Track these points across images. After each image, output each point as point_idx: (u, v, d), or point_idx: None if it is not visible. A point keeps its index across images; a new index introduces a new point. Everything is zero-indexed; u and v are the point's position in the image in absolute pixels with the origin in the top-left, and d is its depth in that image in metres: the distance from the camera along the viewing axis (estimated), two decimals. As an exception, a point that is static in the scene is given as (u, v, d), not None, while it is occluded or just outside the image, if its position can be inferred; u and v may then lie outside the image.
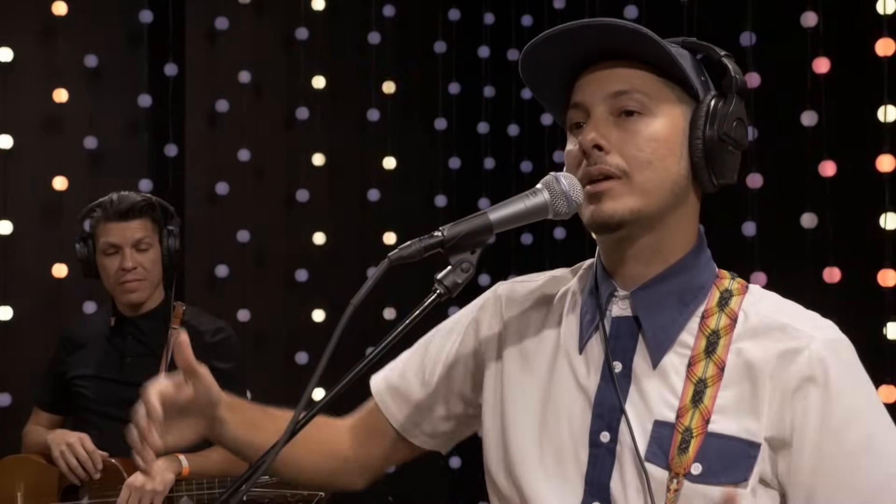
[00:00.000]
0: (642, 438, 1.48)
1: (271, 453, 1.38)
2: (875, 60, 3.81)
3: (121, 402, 3.31)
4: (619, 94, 1.51)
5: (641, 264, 1.54)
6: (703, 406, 1.46)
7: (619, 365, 1.53)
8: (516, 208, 1.49)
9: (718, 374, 1.47)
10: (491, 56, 5.15)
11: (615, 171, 1.49)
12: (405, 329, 1.42)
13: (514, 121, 5.11)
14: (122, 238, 3.29)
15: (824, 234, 3.90)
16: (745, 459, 1.45)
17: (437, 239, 1.45)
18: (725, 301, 1.52)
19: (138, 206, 3.31)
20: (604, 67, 1.53)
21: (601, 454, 1.51)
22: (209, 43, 4.80)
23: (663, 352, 1.51)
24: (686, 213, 1.55)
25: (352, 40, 5.04)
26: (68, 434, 3.27)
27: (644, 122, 1.50)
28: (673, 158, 1.51)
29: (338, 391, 1.40)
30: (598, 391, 1.54)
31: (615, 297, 1.56)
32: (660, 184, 1.50)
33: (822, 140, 3.95)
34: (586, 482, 1.52)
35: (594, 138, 1.50)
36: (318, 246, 4.89)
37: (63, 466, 3.21)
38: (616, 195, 1.49)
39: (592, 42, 1.51)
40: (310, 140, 4.90)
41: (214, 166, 4.76)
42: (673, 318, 1.52)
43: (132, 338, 3.38)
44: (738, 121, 1.53)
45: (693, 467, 1.44)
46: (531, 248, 4.96)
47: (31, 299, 4.50)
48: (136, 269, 3.29)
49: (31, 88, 4.53)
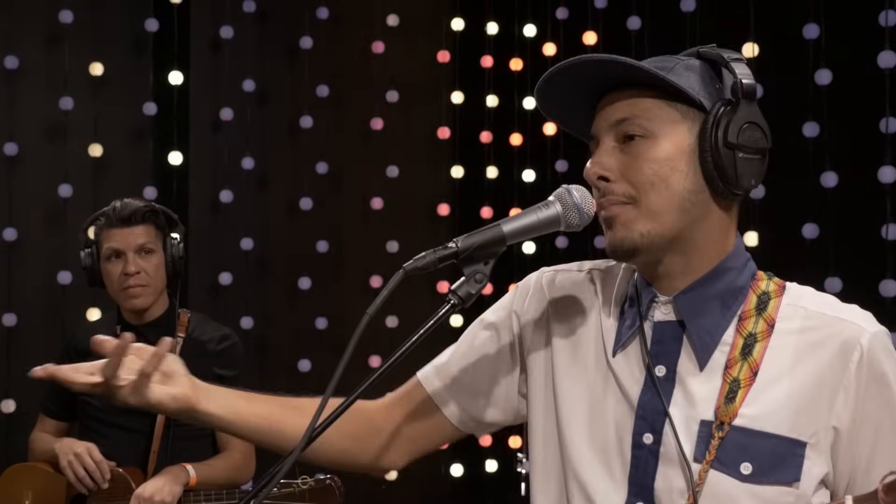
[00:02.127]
0: (688, 440, 1.50)
1: (287, 461, 1.40)
2: (877, 72, 3.83)
3: (127, 412, 3.31)
4: (621, 121, 1.54)
5: (678, 278, 1.56)
6: (733, 406, 1.48)
7: (664, 369, 1.55)
8: (529, 220, 1.52)
9: (751, 377, 1.50)
10: (494, 66, 5.17)
11: (623, 199, 1.52)
12: (420, 339, 1.44)
13: (516, 130, 5.12)
14: (124, 243, 3.28)
15: (826, 245, 3.92)
16: (793, 458, 1.47)
17: (451, 250, 1.47)
18: (763, 305, 1.54)
19: (141, 212, 3.30)
20: (611, 98, 1.56)
21: (644, 455, 1.53)
22: (214, 52, 4.83)
23: (710, 353, 1.53)
24: (713, 224, 1.56)
25: (355, 49, 5.06)
26: (76, 443, 3.25)
27: (645, 145, 1.52)
28: (678, 176, 1.52)
29: (352, 400, 1.42)
30: (642, 394, 1.56)
31: (656, 303, 1.58)
32: (667, 203, 1.52)
33: (824, 151, 3.97)
34: (630, 482, 1.54)
35: (596, 171, 1.54)
36: (321, 254, 4.91)
37: (71, 476, 3.20)
38: (625, 221, 1.52)
39: (597, 75, 1.55)
40: (313, 148, 4.92)
41: (218, 174, 4.78)
42: (717, 321, 1.54)
43: None
44: (749, 124, 1.52)
45: (742, 467, 1.47)
46: (533, 257, 4.98)
47: (35, 306, 4.52)
48: (140, 275, 3.28)
49: (36, 96, 4.55)
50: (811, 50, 4.00)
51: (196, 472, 3.20)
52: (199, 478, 3.21)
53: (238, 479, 3.33)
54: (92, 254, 3.34)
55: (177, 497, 3.13)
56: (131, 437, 3.31)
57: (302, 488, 3.07)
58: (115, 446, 3.27)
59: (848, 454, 1.49)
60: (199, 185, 4.76)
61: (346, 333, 1.38)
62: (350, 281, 4.88)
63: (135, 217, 3.29)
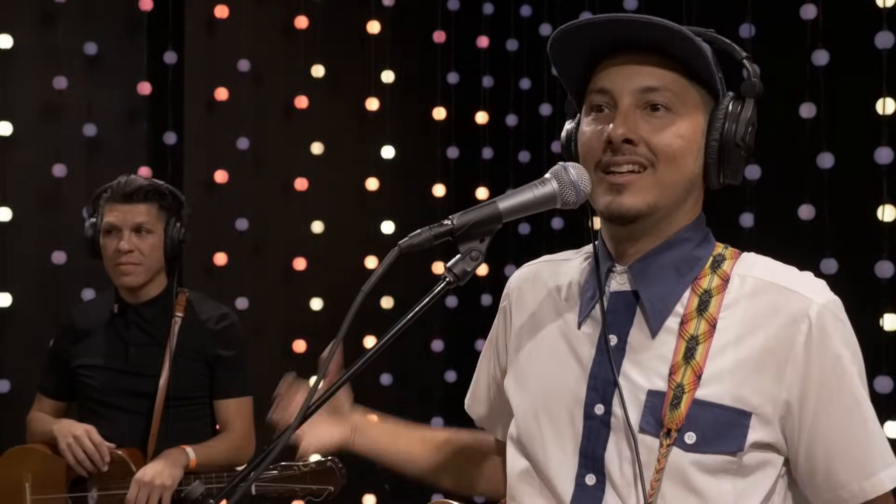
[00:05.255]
0: (636, 409, 1.51)
1: (281, 440, 1.39)
2: (874, 53, 3.82)
3: (127, 393, 3.32)
4: (650, 90, 1.54)
5: (640, 244, 1.58)
6: (695, 362, 1.50)
7: (615, 338, 1.57)
8: (525, 197, 1.52)
9: (710, 330, 1.51)
10: (490, 46, 5.16)
11: (643, 162, 1.53)
12: (415, 316, 1.44)
13: (512, 111, 5.12)
14: (122, 219, 3.28)
15: (822, 226, 3.92)
16: (738, 429, 1.48)
17: (446, 227, 1.47)
18: (718, 264, 1.57)
19: (144, 190, 3.29)
20: (633, 60, 1.55)
21: (595, 426, 1.55)
22: (208, 31, 4.80)
23: (661, 321, 1.54)
24: (691, 205, 1.60)
25: (351, 29, 5.04)
26: (74, 426, 3.24)
27: (670, 119, 1.54)
28: (692, 157, 1.55)
29: (346, 378, 1.42)
30: (594, 364, 1.58)
31: (613, 273, 1.60)
32: (678, 179, 1.55)
33: (820, 132, 3.96)
34: (581, 454, 1.56)
35: (624, 133, 1.53)
36: (317, 234, 4.90)
37: (70, 459, 3.19)
38: (638, 189, 1.53)
39: (624, 33, 1.54)
40: (309, 129, 4.91)
41: (213, 154, 4.77)
42: (670, 289, 1.56)
43: (136, 326, 3.36)
44: (753, 126, 1.56)
45: (686, 436, 1.48)
46: (529, 237, 4.98)
47: (30, 286, 4.51)
48: (133, 253, 3.26)
49: (30, 76, 4.53)
50: (808, 30, 3.99)
51: (196, 453, 3.20)
52: (199, 459, 3.21)
53: (239, 458, 3.33)
54: (95, 225, 3.33)
55: (177, 480, 3.13)
56: (131, 417, 3.31)
57: (303, 470, 3.05)
58: (114, 427, 3.27)
59: (800, 425, 1.50)
60: (194, 166, 4.74)
61: (342, 314, 1.37)
62: (345, 261, 4.87)
63: (136, 194, 3.29)
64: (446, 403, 5.10)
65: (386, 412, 4.84)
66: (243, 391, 3.41)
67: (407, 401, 4.98)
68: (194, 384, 3.34)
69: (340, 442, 1.84)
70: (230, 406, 3.38)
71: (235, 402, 3.39)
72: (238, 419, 3.38)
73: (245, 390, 3.41)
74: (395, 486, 4.91)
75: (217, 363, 3.36)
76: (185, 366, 3.32)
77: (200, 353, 3.35)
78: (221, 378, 3.37)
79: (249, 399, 3.42)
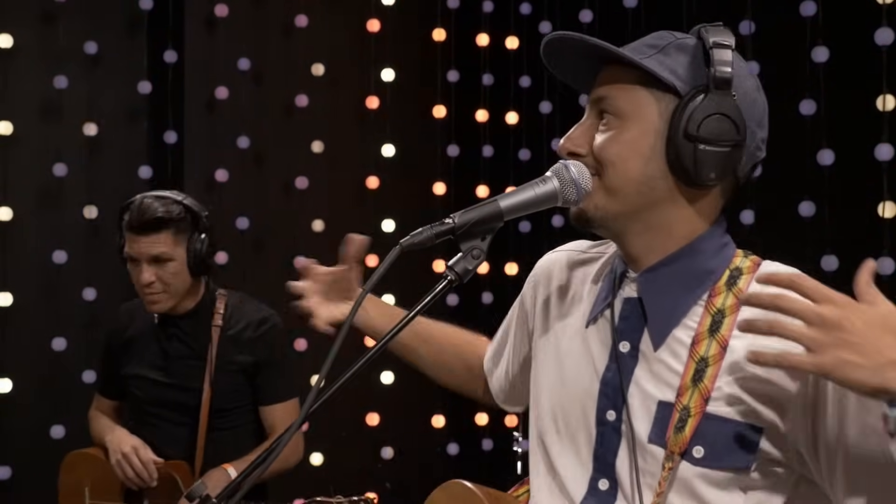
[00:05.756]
0: (646, 419, 1.50)
1: (283, 439, 1.39)
2: (874, 50, 3.82)
3: (171, 405, 3.33)
4: (600, 99, 1.56)
5: (644, 258, 1.57)
6: (703, 385, 1.46)
7: (627, 345, 1.55)
8: (526, 196, 1.52)
9: (720, 352, 1.47)
10: (490, 44, 5.15)
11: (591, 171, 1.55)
12: (416, 314, 1.44)
13: (512, 109, 5.11)
14: (139, 252, 3.20)
15: (822, 223, 3.92)
16: (748, 444, 1.45)
17: (448, 226, 1.47)
18: (734, 280, 1.52)
19: (157, 220, 3.18)
20: (602, 73, 1.58)
21: (608, 432, 1.54)
22: (209, 30, 4.80)
23: (664, 335, 1.52)
24: (682, 210, 1.54)
25: (351, 28, 5.04)
26: (124, 442, 3.25)
27: (613, 125, 1.54)
28: (638, 159, 1.52)
29: (350, 376, 1.42)
30: (606, 370, 1.57)
31: (627, 278, 1.59)
32: (623, 184, 1.53)
33: (820, 129, 3.96)
34: (594, 458, 1.55)
35: (566, 147, 1.58)
36: (317, 233, 4.90)
37: (120, 474, 3.22)
38: (588, 195, 1.55)
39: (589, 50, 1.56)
40: (309, 127, 4.91)
41: (214, 153, 4.77)
42: (675, 303, 1.53)
43: (176, 339, 3.34)
44: (718, 116, 1.48)
45: (695, 450, 1.46)
46: (529, 235, 4.97)
47: (30, 286, 4.51)
48: (154, 284, 3.21)
49: (30, 75, 4.52)
50: (808, 27, 3.99)
51: (237, 471, 3.17)
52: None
53: (286, 465, 3.31)
54: (119, 243, 3.28)
55: None
56: (177, 428, 3.33)
57: None
58: (162, 436, 3.31)
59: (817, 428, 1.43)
60: (194, 165, 4.74)
61: (343, 310, 1.37)
62: (346, 260, 4.86)
63: (150, 225, 3.18)
64: (447, 401, 5.09)
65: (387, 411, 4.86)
66: (288, 394, 3.38)
67: (408, 399, 4.98)
68: (236, 395, 3.33)
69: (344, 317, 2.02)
70: (275, 411, 3.36)
71: (281, 407, 3.36)
72: (283, 424, 3.31)
73: (289, 393, 3.39)
74: (396, 486, 4.92)
75: (258, 371, 3.33)
76: (226, 378, 3.30)
77: (240, 364, 3.32)
78: (264, 384, 3.34)
79: (295, 401, 3.40)
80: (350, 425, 4.83)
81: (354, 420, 4.85)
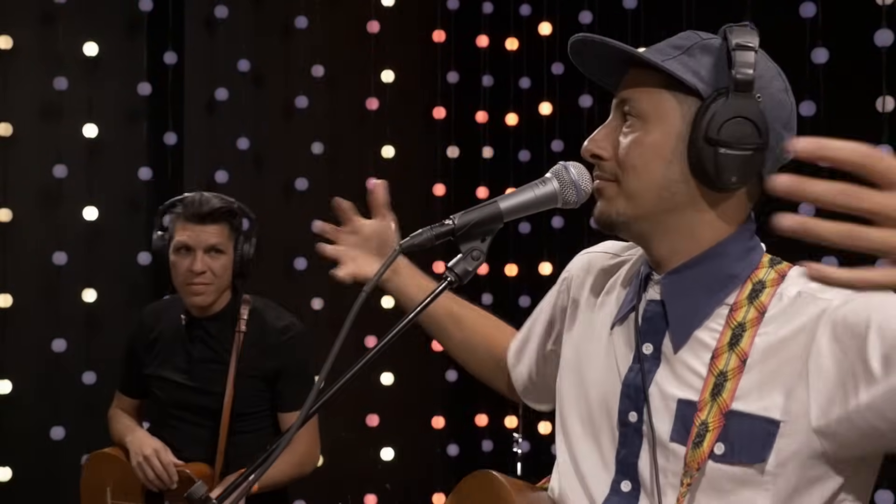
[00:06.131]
0: (667, 418, 1.49)
1: (282, 442, 1.39)
2: (874, 51, 3.82)
3: (192, 407, 3.35)
4: (623, 101, 1.55)
5: (669, 261, 1.56)
6: (722, 399, 1.45)
7: (650, 347, 1.55)
8: (526, 197, 1.53)
9: (740, 366, 1.46)
10: (490, 45, 5.15)
11: (609, 177, 1.54)
12: (416, 316, 1.44)
13: (512, 110, 5.12)
14: (195, 240, 3.25)
15: (822, 224, 3.91)
16: (763, 438, 1.43)
17: (448, 227, 1.48)
18: (756, 294, 1.50)
19: (218, 212, 3.27)
20: (628, 74, 1.57)
21: (630, 434, 1.54)
22: (208, 31, 4.80)
23: (686, 337, 1.51)
24: (705, 214, 1.53)
25: (351, 29, 5.04)
26: (145, 444, 3.26)
27: (636, 127, 1.53)
28: (660, 162, 1.51)
29: (348, 379, 1.42)
30: (629, 371, 1.56)
31: (651, 281, 1.59)
32: (644, 188, 1.51)
33: (820, 130, 3.96)
34: (617, 460, 1.55)
35: (589, 149, 1.56)
36: (317, 234, 4.89)
37: (140, 476, 3.23)
38: (608, 197, 1.55)
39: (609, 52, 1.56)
40: (309, 129, 4.91)
41: (213, 155, 4.77)
42: (697, 306, 1.52)
43: (200, 341, 3.36)
44: (739, 119, 1.47)
45: (716, 447, 1.44)
46: (529, 237, 4.97)
47: (30, 286, 4.51)
48: (205, 274, 3.25)
49: (30, 76, 4.53)
50: (808, 28, 3.99)
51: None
52: (261, 482, 3.22)
53: (302, 472, 3.35)
54: (164, 238, 3.32)
55: None
56: (198, 430, 3.34)
57: None
58: (183, 437, 3.33)
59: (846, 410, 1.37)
60: (194, 166, 4.75)
61: (343, 313, 1.37)
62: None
63: (210, 216, 3.26)
64: (447, 403, 5.10)
65: (387, 412, 4.86)
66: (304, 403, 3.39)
67: (408, 400, 4.98)
68: (257, 399, 3.35)
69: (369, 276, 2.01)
70: (292, 419, 3.36)
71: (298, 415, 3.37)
72: (301, 432, 3.31)
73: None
74: (396, 487, 4.92)
75: (277, 378, 3.34)
76: (247, 383, 3.32)
77: (261, 370, 3.34)
78: (283, 391, 3.34)
79: None
80: (350, 426, 4.83)
81: (354, 421, 4.85)
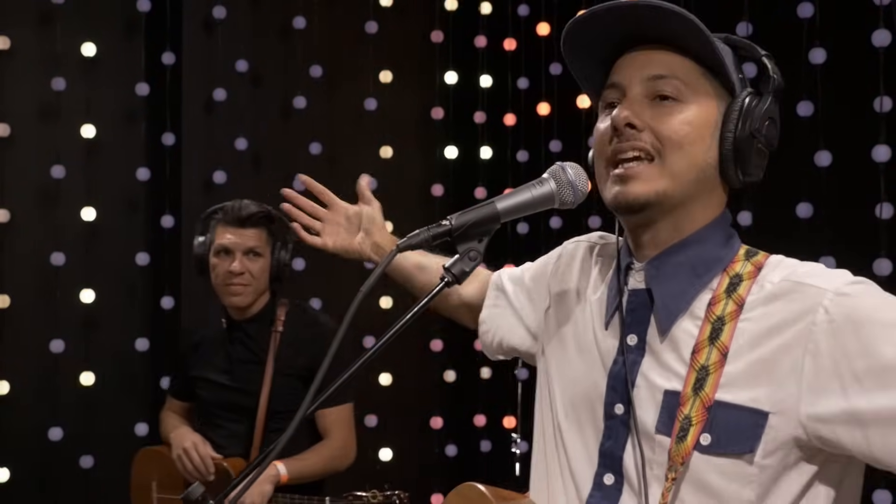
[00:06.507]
0: (653, 409, 1.49)
1: (280, 442, 1.39)
2: (871, 51, 3.82)
3: (232, 406, 3.50)
4: (658, 77, 1.53)
5: (657, 242, 1.56)
6: (705, 394, 1.45)
7: (635, 338, 1.55)
8: (523, 198, 1.53)
9: (721, 360, 1.46)
10: (488, 46, 5.16)
11: (649, 149, 1.51)
12: (414, 316, 1.44)
13: (510, 110, 5.12)
14: (234, 243, 3.44)
15: (820, 224, 3.92)
16: (752, 429, 1.42)
17: (445, 228, 1.48)
18: (734, 287, 1.51)
19: (256, 216, 3.46)
20: (644, 50, 1.55)
21: (615, 426, 1.54)
22: (207, 32, 4.80)
23: (672, 321, 1.51)
24: (711, 203, 1.56)
25: (349, 29, 5.05)
26: (185, 438, 3.42)
27: (678, 108, 1.52)
28: (702, 145, 1.52)
29: (345, 379, 1.42)
30: (613, 363, 1.56)
31: (632, 270, 1.59)
32: (688, 168, 1.51)
33: (817, 130, 3.96)
34: (601, 453, 1.55)
35: (627, 116, 1.52)
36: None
37: (180, 468, 3.39)
38: (646, 178, 1.51)
39: (636, 24, 1.53)
40: (307, 129, 4.91)
41: (212, 155, 4.77)
42: (684, 288, 1.53)
43: (239, 343, 3.52)
44: (771, 120, 1.56)
45: (702, 437, 1.44)
46: (527, 237, 4.98)
47: (29, 286, 4.51)
48: (244, 275, 3.43)
49: (28, 77, 4.53)
50: (805, 29, 3.99)
51: (287, 468, 3.30)
52: (292, 474, 3.31)
53: (336, 467, 3.48)
54: (205, 243, 3.49)
55: (266, 496, 3.23)
56: (237, 427, 3.48)
57: (372, 502, 3.21)
58: (223, 435, 3.47)
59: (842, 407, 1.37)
60: (192, 166, 4.75)
61: (341, 314, 1.37)
62: (345, 261, 4.85)
63: (249, 220, 3.45)
64: (446, 403, 5.10)
65: (385, 412, 4.86)
66: (341, 399, 3.49)
67: (406, 401, 4.98)
68: (292, 398, 3.45)
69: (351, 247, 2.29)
70: (328, 416, 3.48)
71: (335, 411, 3.48)
72: (335, 428, 3.48)
73: (342, 398, 3.50)
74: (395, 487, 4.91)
75: (312, 375, 3.37)
76: (283, 382, 3.45)
77: (296, 369, 3.46)
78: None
79: (348, 406, 3.52)
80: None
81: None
